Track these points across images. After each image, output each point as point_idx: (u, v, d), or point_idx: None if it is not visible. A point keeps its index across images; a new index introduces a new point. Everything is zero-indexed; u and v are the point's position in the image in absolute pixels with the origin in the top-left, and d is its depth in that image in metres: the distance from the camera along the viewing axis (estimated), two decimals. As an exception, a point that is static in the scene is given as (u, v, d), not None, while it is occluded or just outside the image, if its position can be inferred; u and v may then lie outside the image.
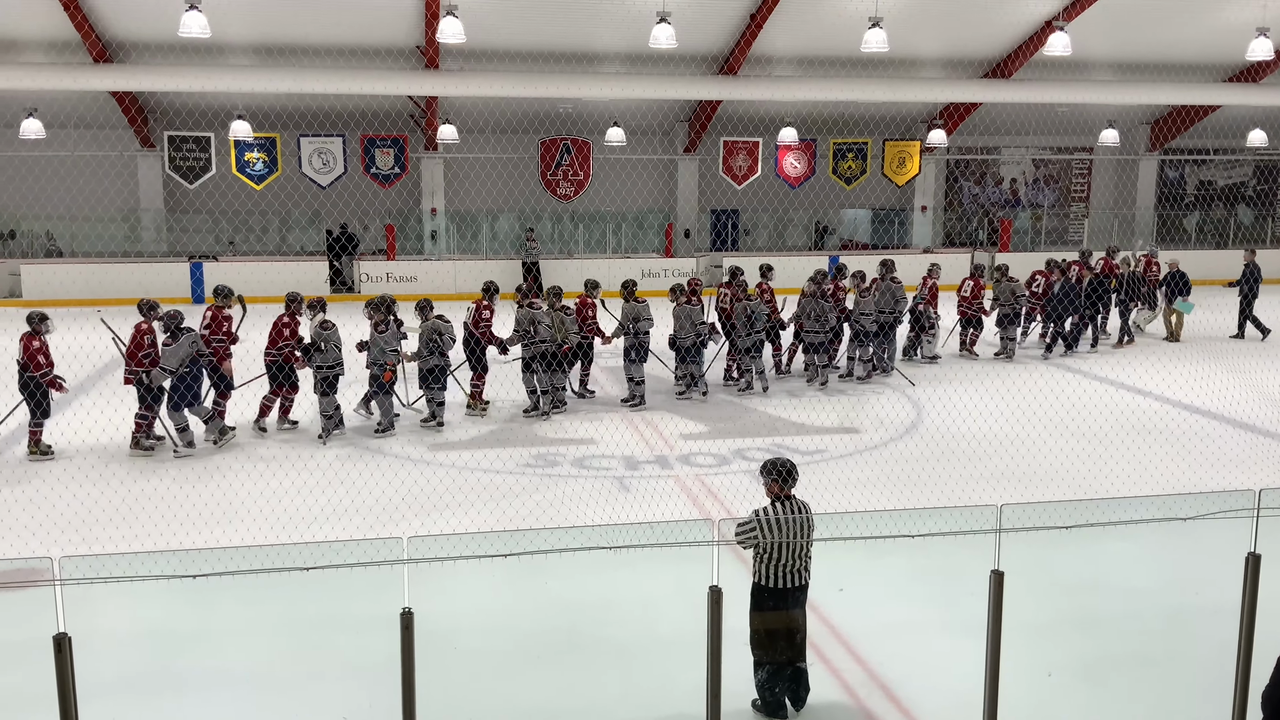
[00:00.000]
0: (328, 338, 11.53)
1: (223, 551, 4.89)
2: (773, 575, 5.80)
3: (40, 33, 20.19)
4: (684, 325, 13.44)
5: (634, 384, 13.35)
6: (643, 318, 13.23)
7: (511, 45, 21.76)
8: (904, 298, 15.13)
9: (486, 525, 8.85)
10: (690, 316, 13.40)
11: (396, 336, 11.89)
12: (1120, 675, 6.58)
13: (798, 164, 26.65)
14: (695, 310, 13.49)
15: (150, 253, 24.86)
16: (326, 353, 11.50)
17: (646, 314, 13.28)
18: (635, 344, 13.22)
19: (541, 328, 12.55)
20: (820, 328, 14.18)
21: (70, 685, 4.34)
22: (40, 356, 10.75)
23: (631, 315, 13.23)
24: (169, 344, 10.93)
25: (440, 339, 11.96)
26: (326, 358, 11.51)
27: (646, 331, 13.28)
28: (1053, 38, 18.11)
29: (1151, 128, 29.41)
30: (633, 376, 13.34)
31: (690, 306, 13.48)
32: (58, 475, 10.30)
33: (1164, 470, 10.23)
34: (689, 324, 13.40)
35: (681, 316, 13.45)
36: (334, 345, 11.60)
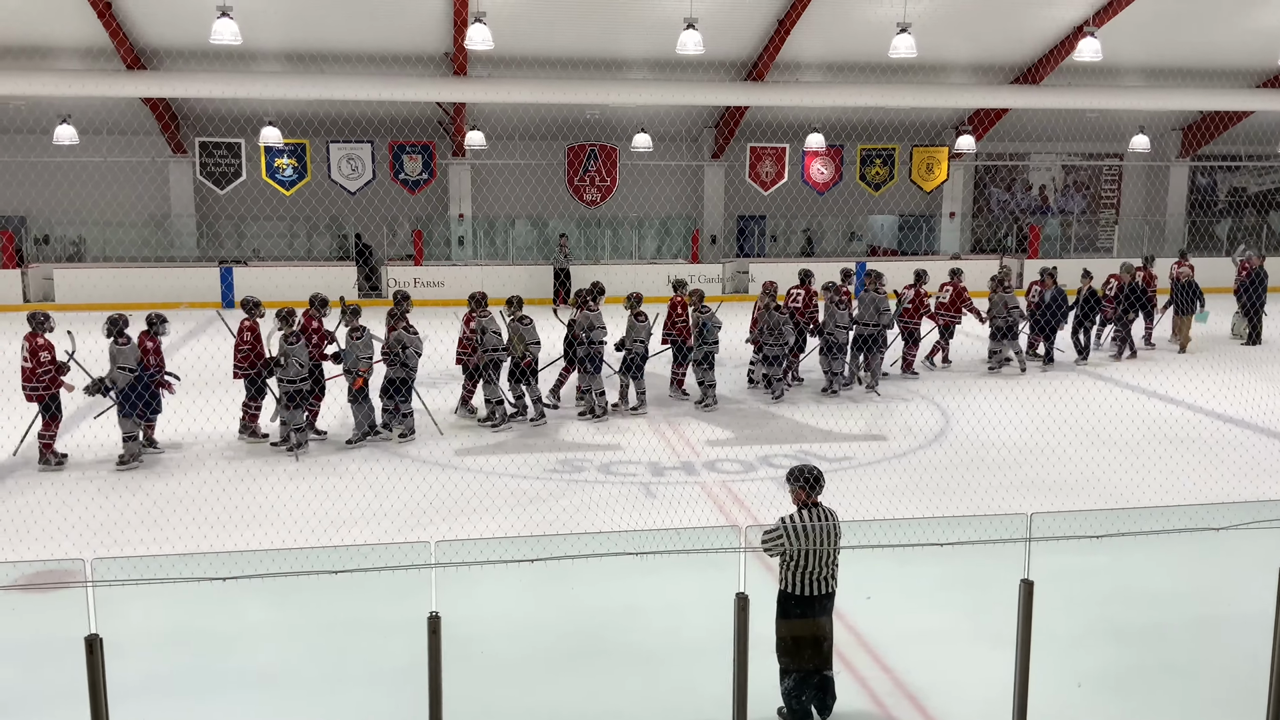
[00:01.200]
0: (290, 352, 11.17)
1: (253, 554, 4.93)
2: (799, 583, 5.77)
3: (74, 40, 20.46)
4: (633, 336, 13.00)
5: (591, 395, 12.89)
6: (596, 326, 12.69)
7: (539, 52, 21.85)
8: (888, 309, 14.49)
9: (512, 530, 8.87)
10: (637, 329, 12.98)
11: (370, 345, 11.64)
12: (1151, 686, 6.52)
13: (825, 170, 26.59)
14: (641, 326, 13.01)
15: (181, 258, 25.11)
16: (287, 367, 11.17)
17: (600, 323, 12.73)
18: (589, 354, 12.76)
19: (489, 336, 12.21)
20: (775, 340, 13.64)
21: (101, 685, 4.38)
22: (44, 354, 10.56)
23: (585, 325, 12.73)
24: (124, 344, 10.65)
25: (404, 351, 11.61)
26: (288, 372, 11.18)
27: (601, 341, 12.75)
28: (1082, 43, 18.00)
29: (1183, 133, 29.15)
30: (589, 388, 12.90)
31: (637, 321, 13.02)
32: (90, 478, 10.42)
33: (1195, 479, 10.11)
34: (636, 336, 12.95)
35: (630, 327, 13.03)
36: (297, 361, 11.20)
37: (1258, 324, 18.14)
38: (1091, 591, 7.52)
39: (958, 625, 7.28)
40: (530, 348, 12.33)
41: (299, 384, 11.28)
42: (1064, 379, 15.36)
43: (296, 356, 11.23)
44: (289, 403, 11.30)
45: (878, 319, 14.31)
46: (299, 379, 11.26)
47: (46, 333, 10.76)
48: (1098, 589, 7.63)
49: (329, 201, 24.75)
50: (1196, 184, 30.28)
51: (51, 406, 10.71)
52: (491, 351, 12.20)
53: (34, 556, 7.87)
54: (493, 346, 12.21)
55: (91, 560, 4.46)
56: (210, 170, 23.84)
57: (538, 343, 12.45)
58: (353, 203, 24.83)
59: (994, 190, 29.85)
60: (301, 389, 11.34)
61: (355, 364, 11.57)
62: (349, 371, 11.65)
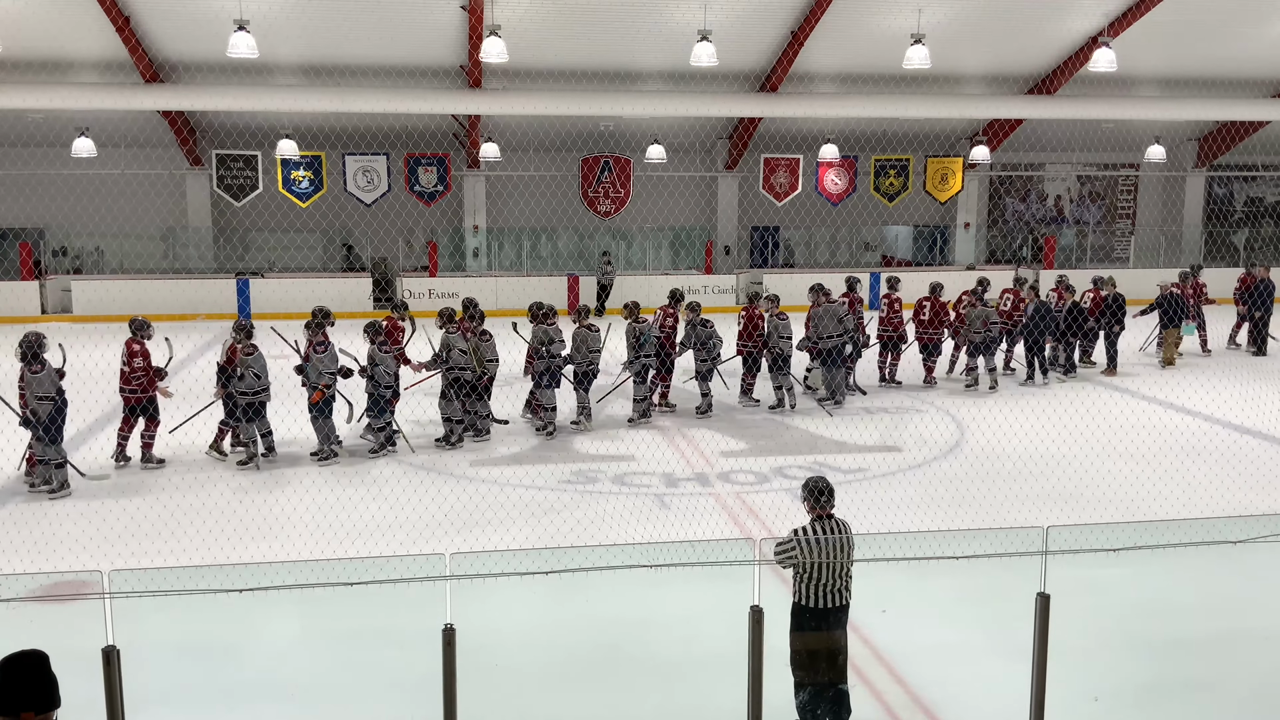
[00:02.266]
0: (249, 364, 11.04)
1: (269, 566, 4.95)
2: (813, 595, 5.76)
3: (92, 53, 20.63)
4: (580, 350, 12.72)
5: (546, 411, 12.62)
6: (555, 340, 12.44)
7: (553, 64, 21.92)
8: (847, 319, 14.13)
9: (527, 541, 8.88)
10: (587, 342, 12.70)
11: (334, 358, 11.41)
12: (1168, 700, 6.47)
13: (839, 181, 26.58)
14: (593, 337, 12.76)
15: (198, 269, 25.27)
16: (244, 378, 11.05)
17: (559, 337, 12.48)
18: (547, 369, 12.51)
19: (454, 353, 12.01)
20: (707, 354, 13.39)
21: (118, 697, 4.40)
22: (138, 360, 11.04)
23: (543, 339, 12.50)
24: (38, 371, 10.15)
25: (375, 368, 11.46)
26: (244, 383, 11.06)
27: (558, 355, 12.53)
28: (1098, 53, 17.96)
29: (1199, 144, 29.04)
30: (544, 404, 12.64)
31: (589, 332, 12.78)
32: (107, 489, 10.48)
33: (1212, 492, 10.06)
34: (585, 349, 12.70)
35: (579, 340, 12.73)
36: (254, 373, 11.08)
37: (1264, 335, 18.01)
38: (1108, 605, 7.48)
39: (973, 638, 7.25)
40: (489, 365, 12.23)
41: (257, 395, 11.11)
42: (1078, 390, 15.30)
43: (253, 368, 11.09)
44: (245, 415, 11.10)
45: (837, 330, 13.95)
46: (255, 390, 11.08)
47: (146, 339, 11.19)
48: (1115, 602, 7.59)
49: (345, 213, 24.89)
50: (1213, 194, 30.15)
51: (150, 409, 11.14)
52: (457, 369, 12.02)
53: (52, 568, 7.91)
54: (456, 364, 12.03)
55: (109, 572, 4.48)
56: (227, 182, 23.99)
57: (495, 360, 12.38)
58: (368, 215, 24.94)
59: (1009, 201, 29.79)
60: (259, 400, 11.13)
61: (318, 377, 11.26)
62: (311, 385, 11.34)
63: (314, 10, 19.26)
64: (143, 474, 10.94)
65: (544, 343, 12.44)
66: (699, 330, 13.61)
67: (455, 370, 12.01)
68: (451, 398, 12.03)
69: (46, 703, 3.17)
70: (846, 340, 14.14)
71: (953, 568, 5.35)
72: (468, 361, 12.07)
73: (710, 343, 13.55)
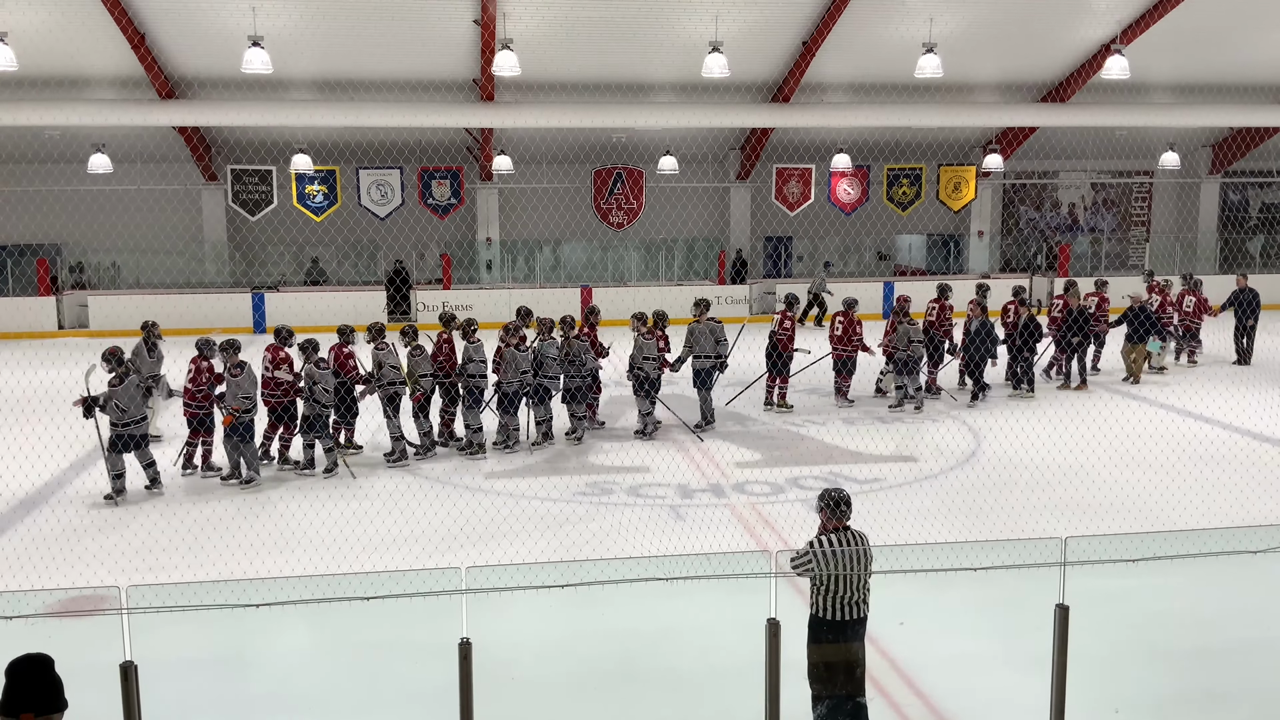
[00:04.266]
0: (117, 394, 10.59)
1: (285, 580, 4.95)
2: (830, 607, 5.73)
3: (108, 70, 20.79)
4: (510, 370, 12.24)
5: (470, 430, 12.29)
6: (475, 359, 12.08)
7: (565, 77, 21.98)
8: (724, 339, 13.56)
9: (542, 554, 8.87)
10: (516, 362, 12.23)
11: (252, 381, 11.16)
12: (1189, 712, 6.42)
13: (851, 190, 26.56)
14: (524, 356, 12.29)
15: (214, 284, 25.39)
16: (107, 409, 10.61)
17: (480, 355, 12.10)
18: (469, 388, 12.18)
19: (385, 370, 11.79)
20: (576, 372, 12.76)
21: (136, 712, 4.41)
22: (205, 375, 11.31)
23: (464, 357, 12.17)
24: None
25: (313, 386, 11.25)
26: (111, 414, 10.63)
27: (481, 375, 12.14)
28: (1110, 61, 17.91)
29: (1213, 150, 28.90)
30: (468, 423, 12.31)
31: (519, 351, 12.28)
32: (125, 505, 10.51)
33: (1231, 501, 9.98)
34: (514, 369, 12.21)
35: (508, 360, 12.25)
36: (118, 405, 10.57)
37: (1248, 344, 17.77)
38: (1128, 615, 7.42)
39: (992, 650, 7.21)
40: (422, 380, 11.96)
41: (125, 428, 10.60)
42: (1095, 399, 15.22)
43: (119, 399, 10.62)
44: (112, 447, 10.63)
45: (714, 349, 13.43)
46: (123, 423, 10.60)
47: (211, 357, 11.44)
48: (1134, 613, 7.52)
49: (359, 227, 24.99)
50: (1228, 201, 30.01)
51: (209, 422, 11.42)
52: (389, 385, 11.82)
53: (69, 583, 7.94)
54: (389, 380, 11.82)
55: (126, 587, 4.49)
56: (242, 197, 24.12)
57: (430, 375, 12.09)
58: (382, 228, 25.04)
59: (1023, 209, 29.70)
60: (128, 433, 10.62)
61: (232, 400, 10.97)
62: (225, 409, 11.06)
63: (328, 26, 19.37)
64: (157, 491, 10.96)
65: (464, 361, 12.15)
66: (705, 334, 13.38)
67: (391, 386, 11.80)
68: (390, 415, 11.83)
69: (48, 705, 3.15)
70: (721, 361, 13.53)
71: (971, 579, 5.32)
72: (398, 376, 11.85)
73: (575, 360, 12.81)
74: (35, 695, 3.15)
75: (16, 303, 22.97)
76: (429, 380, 12.07)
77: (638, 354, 12.89)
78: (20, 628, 5.03)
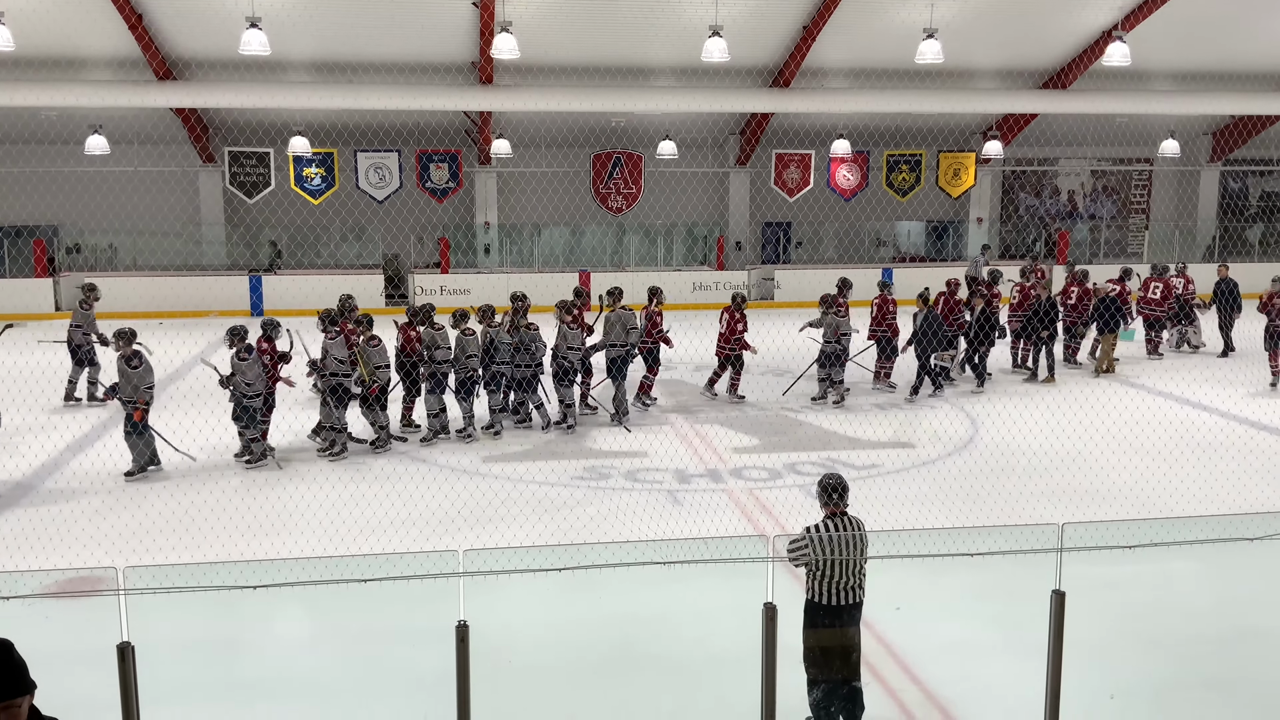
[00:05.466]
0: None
1: (282, 563, 4.95)
2: (826, 592, 5.74)
3: (105, 51, 20.70)
4: (459, 356, 12.11)
5: (430, 417, 12.19)
6: (440, 346, 11.99)
7: (565, 60, 21.91)
8: (635, 327, 13.25)
9: (539, 538, 8.88)
10: (465, 348, 12.10)
11: (150, 372, 10.86)
12: (1184, 698, 6.44)
13: (850, 176, 26.52)
14: (471, 342, 12.15)
15: (211, 266, 25.35)
16: None
17: (445, 342, 12.02)
18: (432, 374, 12.06)
19: (330, 360, 11.59)
20: (528, 361, 12.51)
21: (133, 693, 4.41)
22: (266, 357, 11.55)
23: (429, 343, 12.08)
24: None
25: (233, 377, 10.98)
26: None
27: (445, 360, 12.03)
28: (1111, 47, 17.84)
29: (1213, 138, 28.86)
30: (429, 410, 12.17)
31: (465, 338, 12.15)
32: (122, 486, 10.52)
33: (1229, 488, 9.99)
34: (464, 356, 12.08)
35: (459, 346, 12.11)
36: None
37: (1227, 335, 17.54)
38: (1124, 602, 7.44)
39: (988, 636, 7.22)
40: (379, 371, 11.68)
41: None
42: (1092, 387, 15.22)
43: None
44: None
45: (625, 338, 13.16)
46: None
47: (275, 338, 11.83)
48: (1130, 600, 7.55)
49: (357, 210, 24.93)
50: (1228, 189, 29.98)
51: (270, 400, 11.66)
52: (332, 376, 11.57)
53: (66, 565, 7.94)
54: (333, 371, 11.58)
55: (123, 568, 4.49)
56: (240, 179, 24.05)
57: (386, 365, 11.82)
58: (380, 211, 24.99)
59: (1022, 195, 29.66)
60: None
61: (134, 393, 10.73)
62: (126, 401, 10.81)
63: (326, 7, 19.30)
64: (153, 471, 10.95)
65: (429, 347, 12.04)
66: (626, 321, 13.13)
67: (334, 378, 11.56)
68: (332, 406, 11.58)
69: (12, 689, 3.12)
70: (632, 348, 13.27)
71: (967, 565, 5.32)
72: (347, 369, 11.58)
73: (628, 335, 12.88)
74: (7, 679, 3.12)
75: (14, 284, 22.93)
76: (385, 372, 11.82)
77: (561, 343, 12.64)
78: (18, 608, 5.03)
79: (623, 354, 13.07)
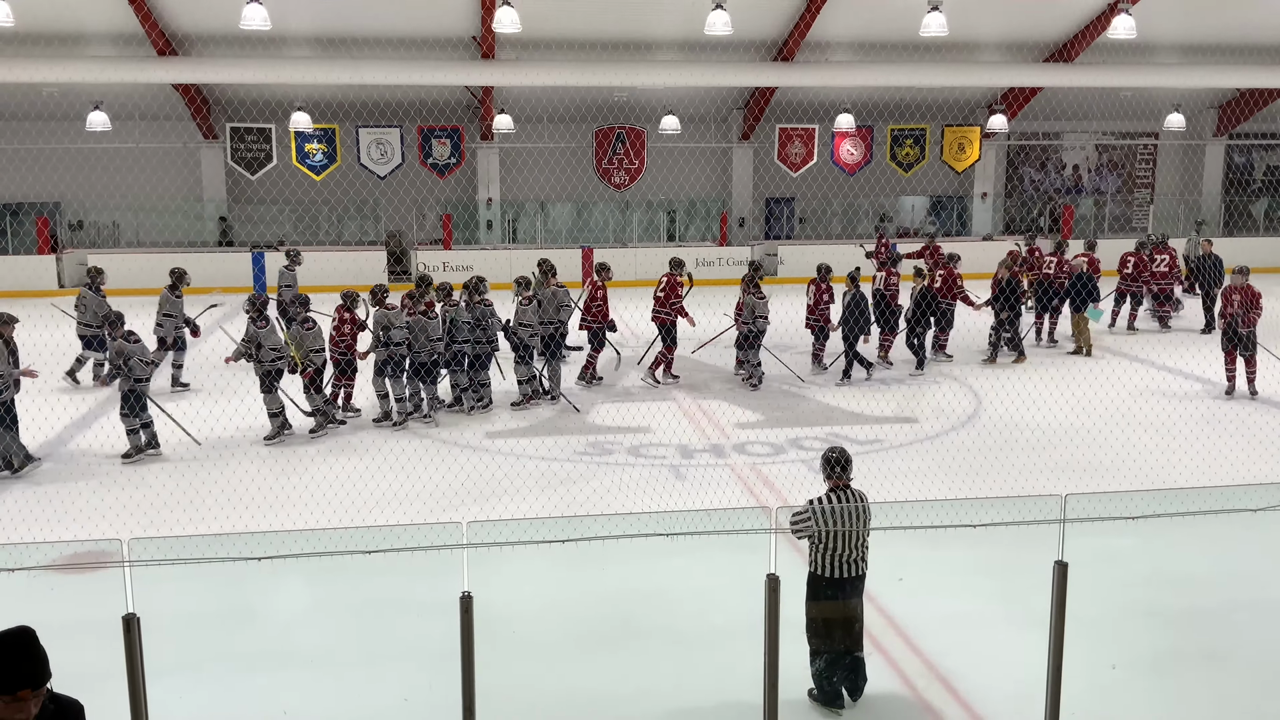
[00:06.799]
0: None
1: (287, 535, 4.97)
2: (828, 565, 5.76)
3: (105, 26, 20.61)
4: (419, 338, 11.88)
5: (382, 399, 11.94)
6: (395, 326, 11.72)
7: (567, 34, 21.79)
8: (569, 304, 13.24)
9: (543, 512, 8.90)
10: (426, 330, 11.86)
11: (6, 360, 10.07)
12: (1186, 669, 6.46)
13: (854, 151, 26.40)
14: (433, 324, 11.90)
15: (214, 242, 25.33)
16: None
17: (400, 322, 11.75)
18: (388, 356, 11.81)
19: (265, 349, 11.21)
20: (485, 339, 12.33)
21: (139, 664, 4.44)
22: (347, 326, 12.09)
23: (382, 323, 11.78)
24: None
25: (126, 362, 10.54)
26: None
27: (399, 342, 11.75)
28: (1117, 20, 17.70)
29: (1219, 112, 28.70)
30: (382, 391, 11.94)
31: (426, 319, 11.90)
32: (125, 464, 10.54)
33: (1231, 460, 10.00)
34: (424, 338, 11.85)
35: (415, 328, 11.87)
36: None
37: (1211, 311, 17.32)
38: (1126, 574, 7.46)
39: (990, 607, 7.25)
40: (313, 355, 11.41)
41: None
42: (1096, 360, 15.21)
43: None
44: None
45: (557, 316, 13.15)
46: None
47: (354, 308, 12.20)
48: (1133, 571, 7.57)
49: (359, 186, 24.87)
50: (1233, 163, 29.83)
51: (349, 368, 12.30)
52: (270, 361, 11.24)
53: (72, 537, 7.98)
54: (270, 357, 11.26)
55: (129, 540, 4.51)
56: (241, 155, 23.99)
57: (320, 350, 11.54)
58: (382, 187, 24.94)
59: (1027, 170, 29.54)
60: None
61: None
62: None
63: (326, -19, 19.20)
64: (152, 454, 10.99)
65: (384, 327, 11.78)
66: None
67: (267, 364, 11.26)
68: (268, 389, 11.26)
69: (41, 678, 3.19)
70: (562, 327, 13.27)
71: (970, 537, 5.33)
72: (283, 353, 11.33)
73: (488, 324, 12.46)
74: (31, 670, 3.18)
75: (16, 260, 22.92)
76: (320, 355, 11.54)
77: (516, 320, 12.58)
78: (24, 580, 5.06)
79: (553, 331, 13.04)
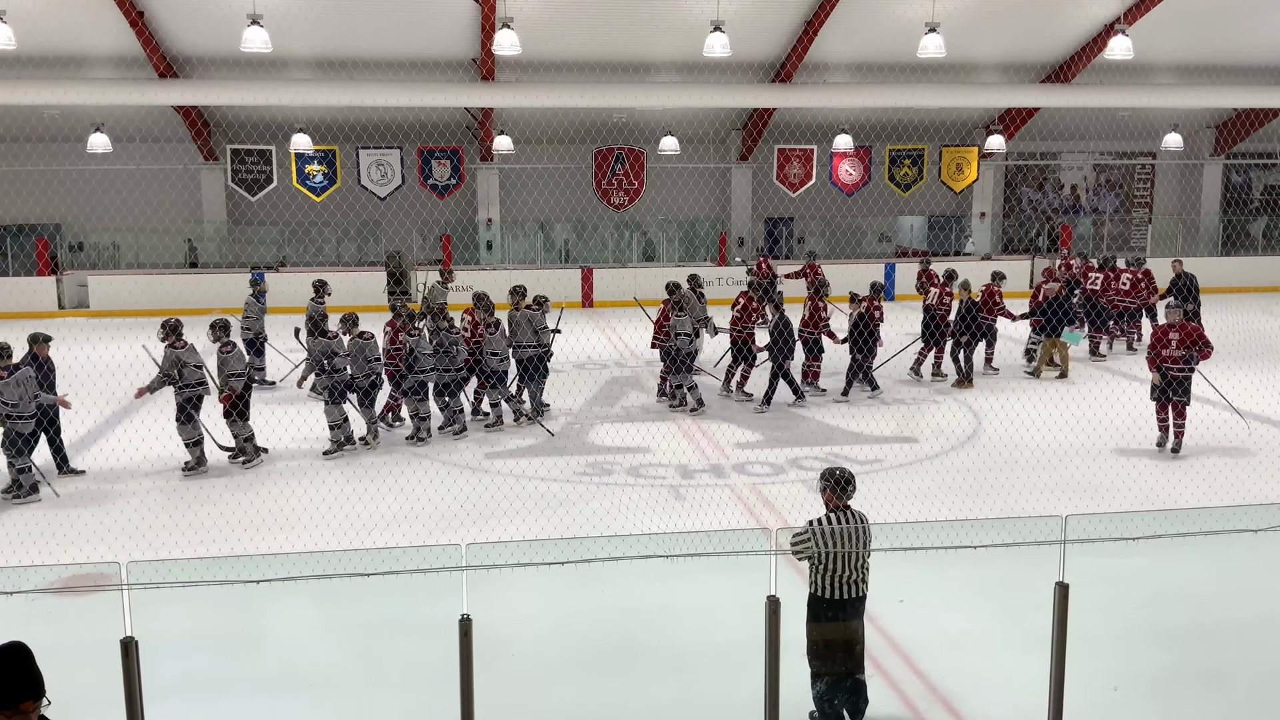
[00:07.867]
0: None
1: (285, 557, 4.95)
2: (829, 586, 5.73)
3: (106, 49, 20.72)
4: (357, 361, 11.70)
5: (333, 429, 11.59)
6: (338, 354, 11.54)
7: (566, 56, 21.91)
8: (545, 327, 12.93)
9: (543, 533, 8.88)
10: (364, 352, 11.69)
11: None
12: (1188, 690, 6.43)
13: (853, 171, 26.48)
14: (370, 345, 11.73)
15: (213, 263, 25.36)
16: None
17: (341, 349, 11.58)
18: (331, 385, 11.58)
19: (188, 370, 10.81)
20: (449, 365, 12.13)
21: (137, 687, 4.42)
22: None
23: (324, 352, 11.56)
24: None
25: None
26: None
27: (341, 369, 11.56)
28: (1114, 41, 17.80)
29: (1216, 131, 28.82)
30: (331, 422, 11.58)
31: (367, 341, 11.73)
32: (125, 483, 10.53)
33: (1232, 480, 9.98)
34: (362, 360, 11.67)
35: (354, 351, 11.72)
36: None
37: None
38: (1128, 594, 7.44)
39: (992, 628, 7.22)
40: (231, 380, 10.99)
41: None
42: (1095, 381, 15.20)
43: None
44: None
45: (534, 339, 12.87)
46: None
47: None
48: (1134, 591, 7.54)
49: (359, 207, 24.94)
50: (1231, 182, 29.94)
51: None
52: (191, 386, 10.84)
53: (70, 560, 7.95)
54: (193, 381, 10.86)
55: (127, 564, 4.49)
56: (242, 177, 24.06)
57: (239, 375, 11.06)
58: (382, 208, 24.99)
59: (1025, 190, 29.63)
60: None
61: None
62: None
63: (327, 4, 19.31)
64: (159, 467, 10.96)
65: (326, 356, 11.58)
66: None
67: (188, 389, 10.84)
68: (186, 419, 10.80)
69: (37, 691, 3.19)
70: (545, 350, 12.98)
71: (971, 558, 5.32)
72: (202, 377, 10.98)
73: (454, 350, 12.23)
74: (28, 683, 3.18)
75: (16, 282, 22.96)
76: (239, 380, 11.07)
77: (486, 349, 12.44)
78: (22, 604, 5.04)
79: (532, 355, 12.80)
